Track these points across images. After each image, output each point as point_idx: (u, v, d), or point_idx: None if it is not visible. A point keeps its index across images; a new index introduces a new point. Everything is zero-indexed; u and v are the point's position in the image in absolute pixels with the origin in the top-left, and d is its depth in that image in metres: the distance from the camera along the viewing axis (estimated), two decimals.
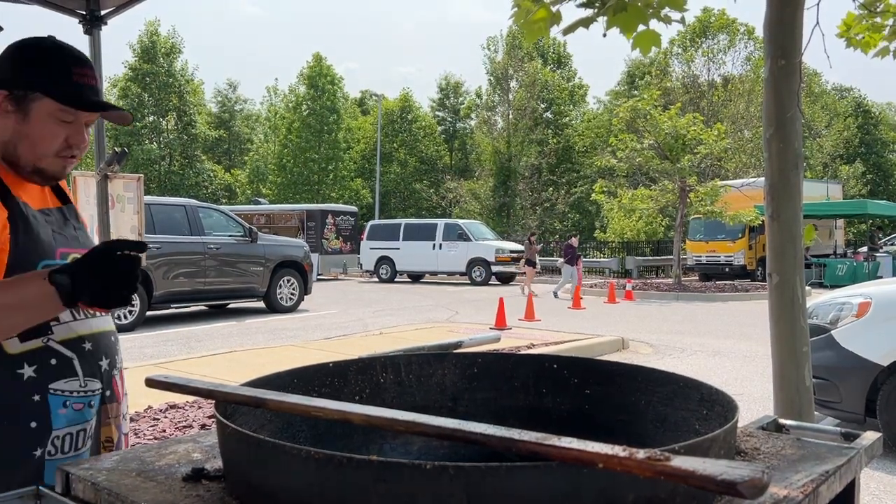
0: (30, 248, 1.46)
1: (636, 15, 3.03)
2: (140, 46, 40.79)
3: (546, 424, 1.37)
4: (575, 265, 18.62)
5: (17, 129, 1.48)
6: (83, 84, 1.50)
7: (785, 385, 2.95)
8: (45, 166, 1.51)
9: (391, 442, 1.40)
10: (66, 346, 1.49)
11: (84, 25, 3.28)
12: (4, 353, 1.41)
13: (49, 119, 1.48)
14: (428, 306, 16.10)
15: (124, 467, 1.16)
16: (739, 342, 10.41)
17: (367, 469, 0.85)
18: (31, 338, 1.44)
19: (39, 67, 1.48)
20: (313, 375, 1.42)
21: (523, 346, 9.16)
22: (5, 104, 1.47)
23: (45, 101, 1.47)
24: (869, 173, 45.91)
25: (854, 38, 4.13)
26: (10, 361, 1.41)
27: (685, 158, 19.20)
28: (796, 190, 2.98)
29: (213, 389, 1.21)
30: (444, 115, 50.80)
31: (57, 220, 1.58)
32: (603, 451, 0.76)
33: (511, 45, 40.55)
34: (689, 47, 38.84)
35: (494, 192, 40.14)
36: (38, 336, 1.45)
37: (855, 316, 5.35)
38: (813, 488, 1.03)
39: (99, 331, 1.58)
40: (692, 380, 1.28)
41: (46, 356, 1.46)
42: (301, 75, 44.71)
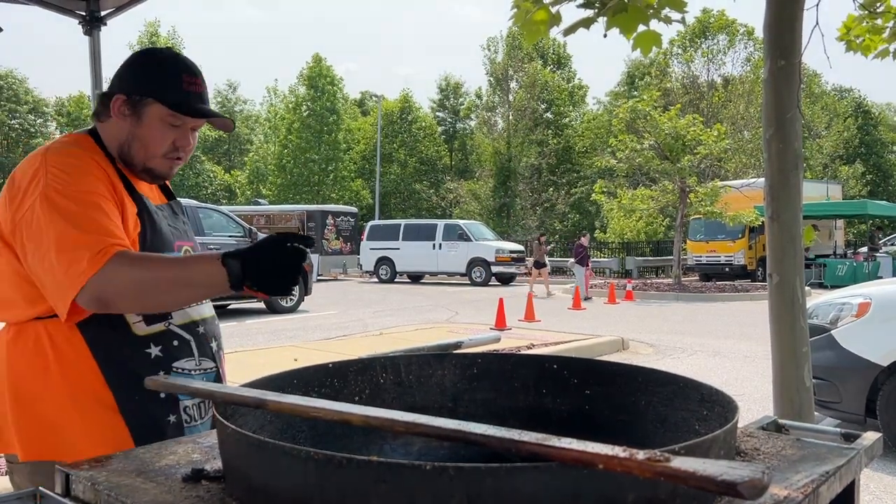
0: (156, 242, 1.61)
1: (636, 15, 3.03)
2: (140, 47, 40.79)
3: (546, 425, 1.37)
4: (586, 265, 18.52)
5: (131, 130, 1.61)
6: (192, 92, 1.62)
7: (785, 385, 2.95)
8: (154, 166, 1.64)
9: (391, 443, 1.40)
10: (184, 329, 1.64)
11: (84, 26, 3.28)
12: (134, 335, 1.56)
13: (160, 123, 1.60)
14: (428, 307, 16.11)
15: (124, 468, 1.16)
16: (739, 342, 10.41)
17: (368, 470, 0.85)
18: (155, 322, 1.59)
19: (154, 75, 1.61)
20: (313, 376, 1.42)
21: (523, 346, 9.16)
22: (123, 108, 1.60)
23: (156, 106, 1.59)
24: (869, 174, 45.92)
25: (854, 41, 4.13)
26: (139, 342, 1.57)
27: (685, 159, 19.20)
28: (796, 190, 2.98)
29: (213, 390, 1.21)
30: (444, 116, 50.82)
31: (169, 214, 1.74)
32: (603, 452, 0.76)
33: (511, 45, 40.58)
34: (689, 48, 38.85)
35: (494, 193, 40.16)
36: (161, 321, 1.60)
37: (855, 316, 5.35)
38: (813, 489, 1.03)
39: (209, 315, 1.74)
40: (692, 380, 1.28)
41: (169, 338, 1.61)
42: (301, 76, 44.74)
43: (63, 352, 1.51)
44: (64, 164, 1.51)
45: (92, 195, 1.49)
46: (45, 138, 44.78)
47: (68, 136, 1.64)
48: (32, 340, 1.52)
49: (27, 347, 1.52)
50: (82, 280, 1.38)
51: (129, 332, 1.56)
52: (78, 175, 1.50)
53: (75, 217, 1.43)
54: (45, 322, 1.52)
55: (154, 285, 1.43)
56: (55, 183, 1.46)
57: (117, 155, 1.62)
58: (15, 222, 1.48)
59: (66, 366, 1.50)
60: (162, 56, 1.66)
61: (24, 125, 43.18)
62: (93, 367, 1.52)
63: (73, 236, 1.41)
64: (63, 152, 1.54)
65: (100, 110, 1.64)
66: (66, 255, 1.40)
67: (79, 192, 1.47)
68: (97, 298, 1.40)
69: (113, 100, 1.60)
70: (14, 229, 1.48)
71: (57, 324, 1.50)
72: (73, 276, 1.39)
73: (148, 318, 1.58)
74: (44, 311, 1.51)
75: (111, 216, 1.49)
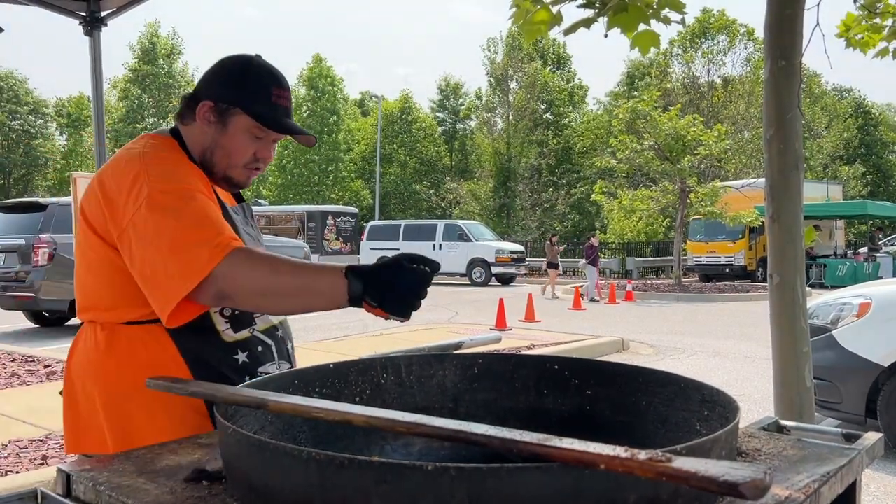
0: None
1: (637, 15, 3.03)
2: (140, 48, 40.82)
3: (547, 425, 1.37)
4: (596, 265, 18.39)
5: (215, 138, 1.61)
6: (279, 105, 1.61)
7: (786, 386, 2.95)
8: (233, 175, 1.65)
9: (392, 443, 1.40)
10: (266, 335, 1.67)
11: (84, 27, 3.29)
12: (223, 342, 1.59)
13: (244, 134, 1.61)
14: (428, 307, 16.04)
15: (125, 468, 1.16)
16: (740, 343, 10.41)
17: (369, 470, 0.85)
18: (241, 329, 1.62)
19: (243, 85, 1.59)
20: (314, 376, 1.42)
21: (524, 346, 9.16)
22: (209, 114, 1.60)
23: (243, 116, 1.59)
24: (869, 174, 45.92)
25: (853, 38, 4.13)
26: (227, 348, 1.59)
27: (685, 159, 19.21)
28: (796, 191, 2.98)
29: (214, 391, 1.21)
30: (444, 117, 50.82)
31: (242, 218, 1.74)
32: (604, 453, 0.76)
33: (511, 46, 40.57)
34: (689, 48, 38.84)
35: (494, 193, 40.15)
36: (246, 327, 1.63)
37: (855, 316, 5.34)
38: (814, 489, 1.03)
39: (284, 318, 1.76)
40: (693, 380, 1.28)
41: (254, 344, 1.64)
42: (301, 77, 44.74)
43: (156, 356, 1.53)
44: (164, 165, 1.52)
45: (198, 193, 1.50)
46: (46, 139, 44.83)
47: (155, 139, 1.62)
48: (125, 343, 1.54)
49: (120, 350, 1.54)
50: (203, 273, 1.37)
51: (218, 339, 1.58)
52: (180, 175, 1.52)
53: (186, 216, 1.43)
54: (139, 327, 1.54)
55: (280, 288, 1.41)
56: (159, 184, 1.46)
57: (199, 159, 1.63)
58: (122, 228, 1.46)
59: (158, 370, 1.49)
60: (252, 65, 1.63)
61: (24, 126, 43.19)
62: (184, 373, 1.53)
63: (188, 234, 1.41)
64: (160, 154, 1.55)
65: (184, 113, 1.64)
66: (182, 253, 1.39)
67: (185, 190, 1.47)
68: (219, 291, 1.39)
69: (200, 105, 1.60)
70: (121, 235, 1.47)
71: (150, 329, 1.52)
72: (192, 271, 1.37)
73: (235, 325, 1.60)
74: (140, 316, 1.53)
75: (219, 213, 1.51)
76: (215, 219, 1.46)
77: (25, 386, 6.82)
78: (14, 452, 4.52)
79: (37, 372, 7.47)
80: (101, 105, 3.46)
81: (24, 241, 10.93)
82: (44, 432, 5.02)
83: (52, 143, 45.95)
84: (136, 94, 40.56)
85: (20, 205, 12.11)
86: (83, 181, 3.71)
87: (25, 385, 6.86)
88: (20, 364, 7.96)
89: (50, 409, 5.80)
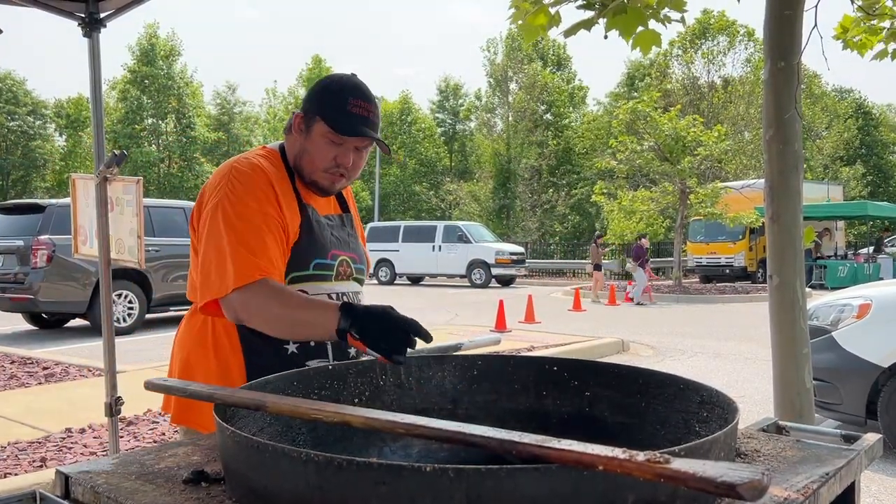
0: (310, 250, 1.77)
1: (636, 17, 3.03)
2: (139, 49, 40.81)
3: (546, 427, 1.37)
4: (644, 267, 18.13)
5: (303, 144, 1.78)
6: (354, 114, 1.73)
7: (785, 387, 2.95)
8: (317, 179, 1.79)
9: (391, 444, 1.40)
10: None
11: (83, 28, 3.29)
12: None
13: (322, 139, 1.75)
14: (428, 308, 16.10)
15: (124, 470, 1.16)
16: (740, 344, 10.41)
17: (368, 472, 0.85)
18: None
19: (325, 96, 1.76)
20: (313, 378, 1.42)
21: (523, 348, 9.15)
22: (300, 123, 1.79)
23: (321, 123, 1.74)
24: (869, 174, 45.92)
25: (851, 40, 4.13)
26: (281, 340, 1.73)
27: (685, 160, 19.20)
28: (796, 191, 2.98)
29: (213, 392, 1.21)
30: (444, 118, 50.82)
31: (337, 224, 1.89)
32: (603, 454, 0.76)
33: (510, 46, 40.59)
34: (689, 49, 38.84)
35: (494, 194, 40.15)
36: None
37: (855, 317, 5.34)
38: (813, 490, 1.03)
39: None
40: (692, 382, 1.28)
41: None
42: (300, 77, 44.79)
43: (220, 341, 1.76)
44: (242, 180, 1.72)
45: (256, 216, 1.69)
46: (45, 140, 44.83)
47: (262, 149, 1.85)
48: (200, 324, 1.79)
49: (195, 328, 1.80)
50: (223, 291, 1.62)
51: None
52: (251, 194, 1.71)
53: (237, 233, 1.65)
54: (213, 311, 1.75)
55: (284, 320, 1.62)
56: (231, 196, 1.69)
57: (293, 165, 1.81)
58: (202, 223, 1.73)
59: (219, 352, 1.75)
60: (338, 80, 1.78)
61: (22, 127, 43.17)
62: (238, 359, 1.74)
63: (231, 249, 1.64)
64: (245, 169, 1.75)
65: (287, 126, 1.84)
66: (220, 263, 1.64)
67: (247, 210, 1.68)
68: (234, 311, 1.64)
69: (293, 116, 1.81)
70: (200, 228, 1.74)
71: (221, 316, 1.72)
72: (217, 284, 1.64)
73: None
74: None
75: (268, 239, 1.68)
76: (257, 246, 1.65)
77: (24, 388, 6.82)
78: (13, 454, 4.52)
79: (35, 374, 7.47)
80: (100, 106, 3.46)
81: (23, 242, 10.91)
82: (42, 434, 5.02)
83: (51, 144, 45.94)
84: (135, 95, 40.55)
85: (19, 206, 12.10)
86: (82, 182, 3.71)
87: (24, 387, 6.86)
88: (19, 366, 7.96)
89: (49, 410, 5.80)
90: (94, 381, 6.93)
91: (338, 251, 1.85)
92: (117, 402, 3.52)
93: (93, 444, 4.75)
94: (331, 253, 1.82)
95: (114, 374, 3.55)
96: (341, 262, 1.85)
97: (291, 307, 1.60)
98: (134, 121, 40.45)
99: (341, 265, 1.85)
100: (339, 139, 1.74)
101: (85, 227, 3.74)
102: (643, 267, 18.04)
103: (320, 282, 1.79)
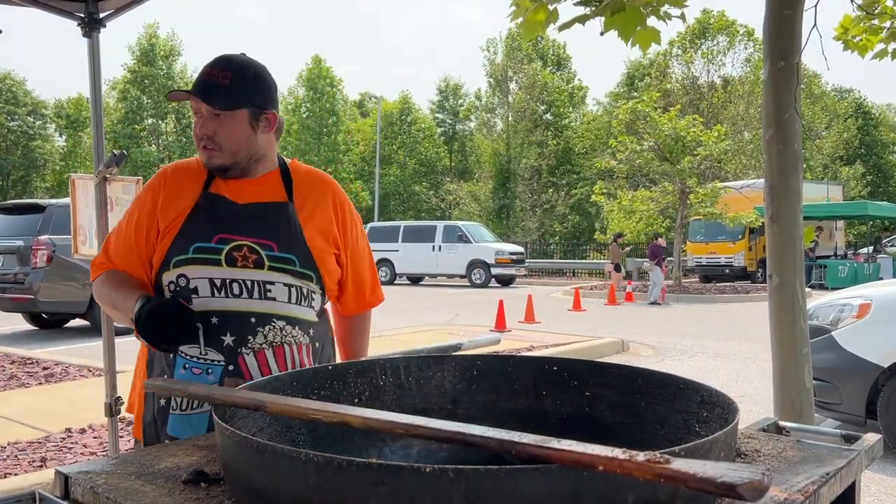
0: (189, 233, 1.74)
1: (634, 16, 3.03)
2: (139, 49, 40.80)
3: (546, 427, 1.37)
4: (661, 266, 18.00)
5: None
6: (196, 80, 1.74)
7: (785, 387, 2.95)
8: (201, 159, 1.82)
9: (391, 445, 1.40)
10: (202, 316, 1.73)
11: (83, 28, 3.28)
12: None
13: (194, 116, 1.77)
14: (427, 308, 16.10)
15: (123, 471, 1.16)
16: (740, 344, 10.41)
17: (367, 472, 0.85)
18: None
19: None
20: (312, 378, 1.42)
21: (523, 348, 9.15)
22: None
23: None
24: (869, 174, 45.91)
25: (851, 40, 4.13)
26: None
27: (685, 160, 19.19)
28: (796, 191, 2.98)
29: (212, 392, 1.21)
30: (444, 117, 50.81)
31: (258, 212, 1.78)
32: (603, 454, 0.76)
33: (510, 46, 40.57)
34: (689, 49, 38.83)
35: (494, 194, 40.14)
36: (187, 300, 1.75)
37: (855, 317, 5.34)
38: (813, 490, 1.03)
39: (233, 310, 1.74)
40: (692, 382, 1.28)
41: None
42: (300, 77, 44.72)
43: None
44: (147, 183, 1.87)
45: (130, 214, 1.84)
46: (45, 140, 44.82)
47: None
48: None
49: None
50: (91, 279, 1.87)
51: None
52: (138, 197, 1.86)
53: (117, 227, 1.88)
54: None
55: (106, 302, 1.81)
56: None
57: None
58: None
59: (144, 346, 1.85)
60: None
61: (22, 127, 43.17)
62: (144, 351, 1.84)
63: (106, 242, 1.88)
64: (158, 171, 1.88)
65: None
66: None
67: (130, 207, 1.86)
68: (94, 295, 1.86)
69: None
70: None
71: None
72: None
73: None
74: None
75: (116, 236, 1.86)
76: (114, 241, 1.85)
77: (24, 388, 6.82)
78: (12, 455, 4.52)
79: (35, 374, 7.46)
80: (100, 106, 3.45)
81: (23, 242, 10.91)
82: (42, 434, 5.02)
83: (51, 144, 45.94)
84: (135, 95, 40.54)
85: (19, 206, 12.09)
86: (81, 182, 3.70)
87: (24, 387, 6.85)
88: (19, 366, 7.95)
89: (48, 411, 5.80)
90: (94, 381, 6.93)
91: (229, 235, 1.75)
92: (117, 402, 3.52)
93: (93, 445, 4.75)
94: (217, 237, 1.74)
95: (114, 374, 3.54)
96: (237, 247, 1.74)
97: (113, 293, 1.76)
98: (134, 121, 40.43)
99: (237, 250, 1.74)
100: (195, 110, 1.75)
101: (84, 227, 3.74)
102: (660, 266, 17.86)
103: (204, 265, 1.73)
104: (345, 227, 1.89)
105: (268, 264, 1.75)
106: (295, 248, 1.78)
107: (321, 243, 1.82)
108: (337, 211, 1.88)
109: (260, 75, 1.79)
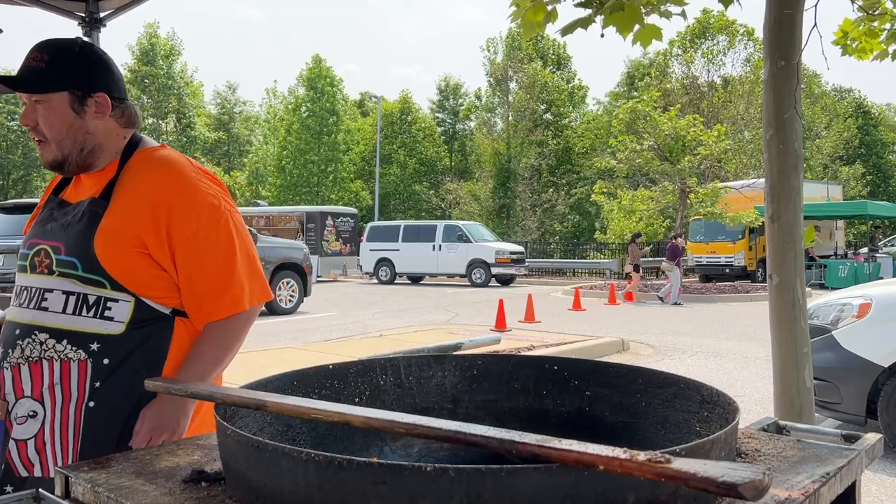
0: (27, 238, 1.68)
1: (633, 15, 3.03)
2: (139, 48, 40.83)
3: (546, 426, 1.37)
4: (680, 267, 17.63)
5: None
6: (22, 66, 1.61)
7: (785, 386, 2.95)
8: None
9: (391, 444, 1.40)
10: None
11: (83, 27, 3.28)
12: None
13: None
14: (428, 308, 16.10)
15: (124, 469, 1.16)
16: (740, 343, 10.41)
17: (368, 471, 0.85)
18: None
19: None
20: (313, 377, 1.42)
21: (523, 347, 9.15)
22: None
23: None
24: (869, 174, 45.91)
25: (850, 45, 4.13)
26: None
27: (685, 160, 19.20)
28: (796, 191, 2.98)
29: (213, 392, 1.21)
30: (444, 117, 50.81)
31: (65, 211, 1.65)
32: (603, 453, 0.76)
33: (510, 46, 40.57)
34: (689, 48, 38.83)
35: (494, 194, 40.13)
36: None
37: (855, 317, 5.34)
38: (814, 490, 1.03)
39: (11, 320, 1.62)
40: (693, 381, 1.28)
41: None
42: (300, 77, 44.75)
43: None
44: None
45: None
46: None
47: None
48: None
49: None
50: None
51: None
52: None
53: None
54: None
55: None
56: None
57: None
58: None
59: None
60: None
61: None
62: None
63: None
64: None
65: None
66: None
67: None
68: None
69: None
70: None
71: None
72: None
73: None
74: None
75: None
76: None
77: None
78: None
79: None
80: None
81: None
82: None
83: None
84: (135, 94, 40.54)
85: (19, 206, 12.07)
86: None
87: None
88: None
89: None
90: None
91: (37, 240, 1.62)
92: None
93: None
94: (28, 242, 1.64)
95: None
96: (37, 252, 1.60)
97: None
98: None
99: (37, 255, 1.60)
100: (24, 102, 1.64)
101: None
102: (679, 266, 17.56)
103: (20, 272, 1.63)
104: (169, 225, 1.59)
105: (56, 269, 1.57)
106: (78, 251, 1.57)
107: (117, 245, 1.56)
108: (159, 206, 1.59)
109: (84, 54, 1.61)
